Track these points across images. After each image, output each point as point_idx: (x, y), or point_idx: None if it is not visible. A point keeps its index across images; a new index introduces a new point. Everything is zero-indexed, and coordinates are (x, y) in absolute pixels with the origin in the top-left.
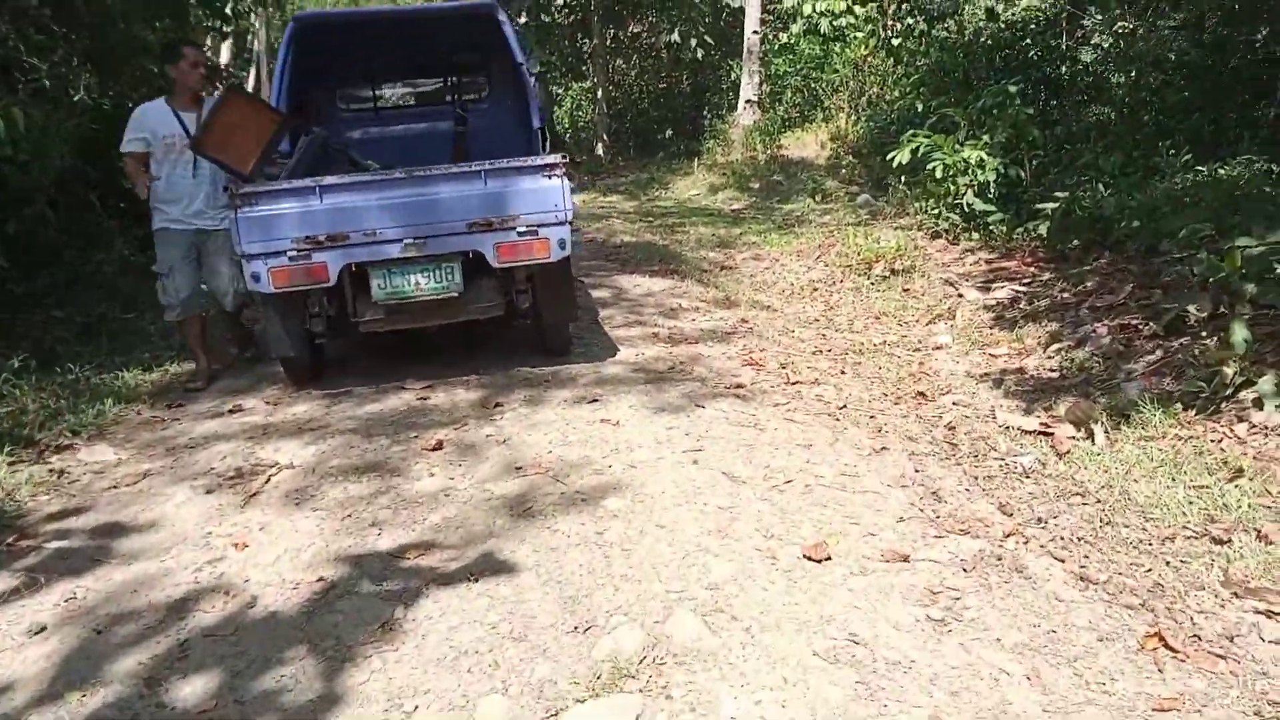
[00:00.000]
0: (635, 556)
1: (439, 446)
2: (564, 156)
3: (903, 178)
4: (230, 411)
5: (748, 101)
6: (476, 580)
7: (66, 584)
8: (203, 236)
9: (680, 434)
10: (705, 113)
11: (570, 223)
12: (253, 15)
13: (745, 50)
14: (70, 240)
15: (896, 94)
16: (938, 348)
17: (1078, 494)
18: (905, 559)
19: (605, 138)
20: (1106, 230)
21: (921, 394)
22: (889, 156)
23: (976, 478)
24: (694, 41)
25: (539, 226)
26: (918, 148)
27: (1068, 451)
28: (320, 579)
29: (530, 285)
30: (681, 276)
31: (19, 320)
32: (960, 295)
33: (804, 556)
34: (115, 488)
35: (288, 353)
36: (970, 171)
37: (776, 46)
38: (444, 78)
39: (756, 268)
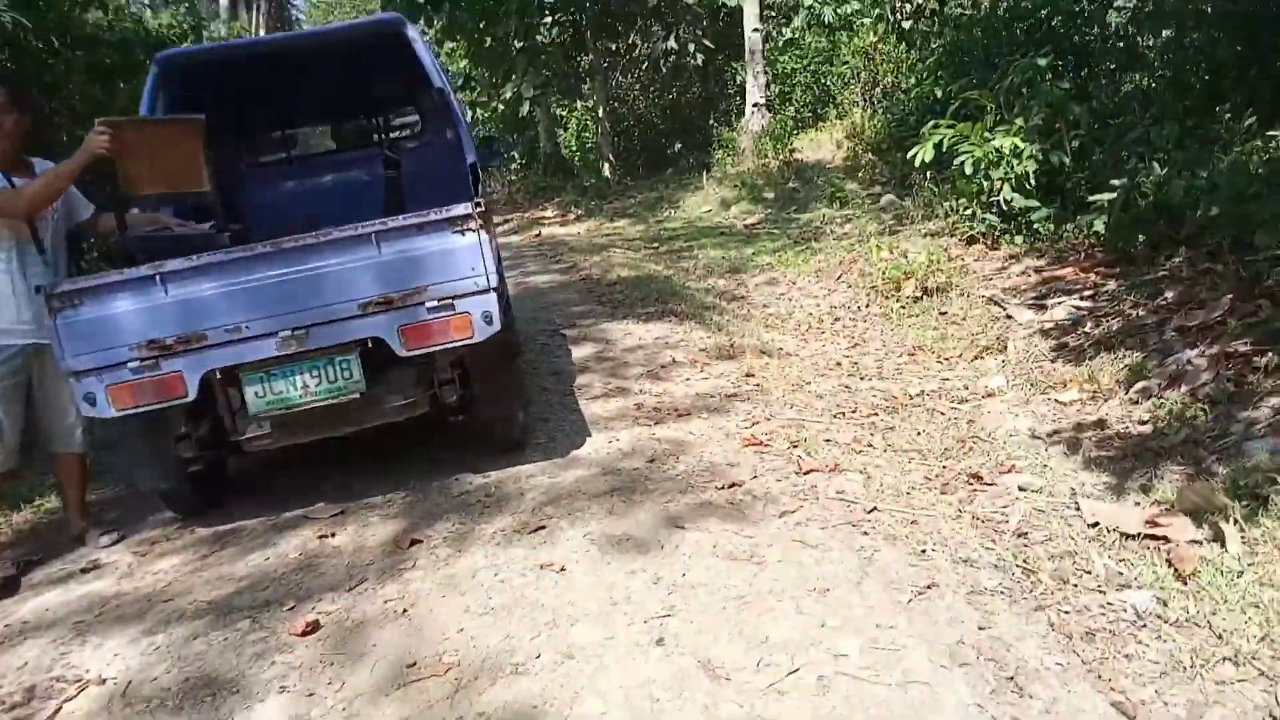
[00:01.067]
0: None
1: (312, 629)
2: (478, 204)
3: (928, 174)
4: (83, 571)
5: (755, 105)
6: None
7: None
8: (39, 356)
9: (645, 586)
10: (712, 121)
11: (497, 289)
12: None
13: (747, 51)
14: None
15: (913, 81)
16: (989, 395)
17: (1228, 659)
18: None
19: (611, 158)
20: (1177, 221)
21: (976, 476)
22: (910, 154)
23: (1070, 637)
24: (692, 47)
25: (454, 299)
26: (941, 140)
27: (1193, 572)
28: None
29: (459, 372)
30: (680, 318)
31: None
32: (1009, 317)
33: None
34: None
35: (157, 485)
36: (1004, 162)
37: (780, 43)
38: (367, 114)
39: (770, 294)
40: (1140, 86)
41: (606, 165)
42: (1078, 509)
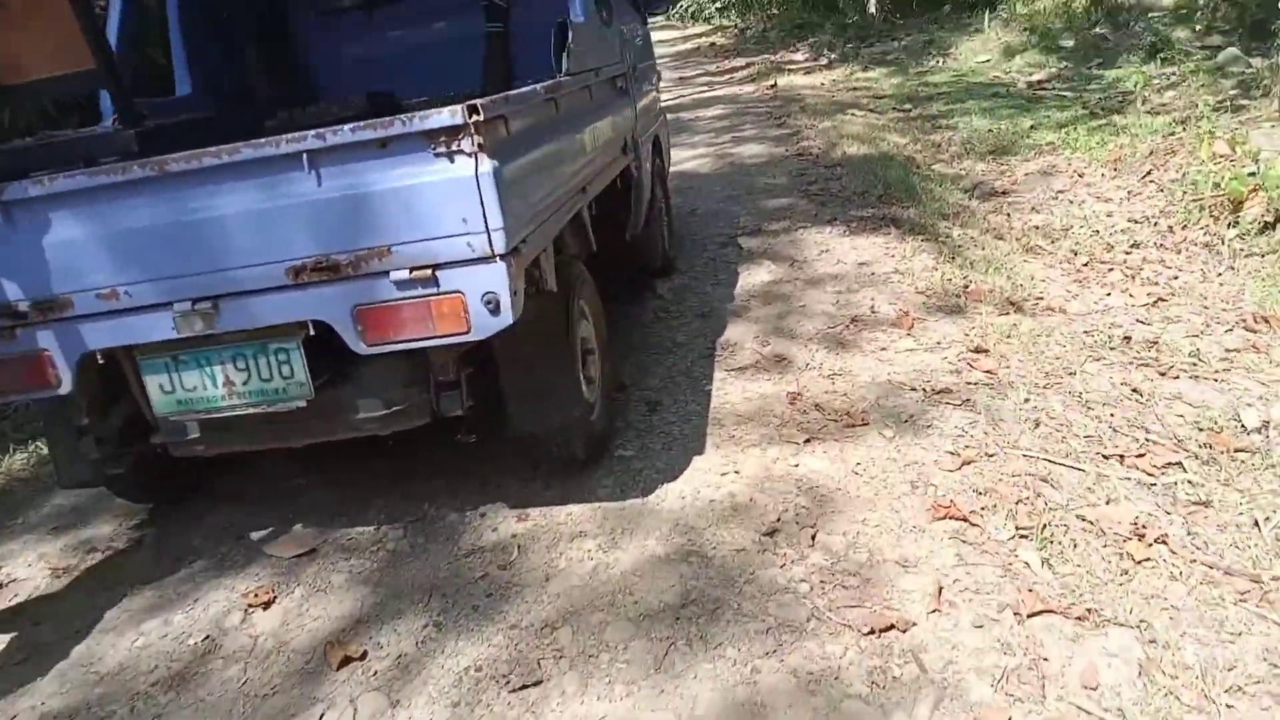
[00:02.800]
0: None
1: None
2: (473, 109)
3: None
4: None
5: None
6: None
7: None
8: None
9: None
10: None
11: (517, 250)
12: None
13: None
14: None
15: None
16: None
17: None
18: None
19: None
20: None
21: None
22: None
23: None
24: None
25: (435, 268)
26: None
27: None
28: None
29: (466, 370)
30: (904, 230)
31: None
32: None
33: None
34: None
35: (74, 480)
36: None
37: None
38: None
39: (1043, 192)
40: None
41: (873, 1)
42: None
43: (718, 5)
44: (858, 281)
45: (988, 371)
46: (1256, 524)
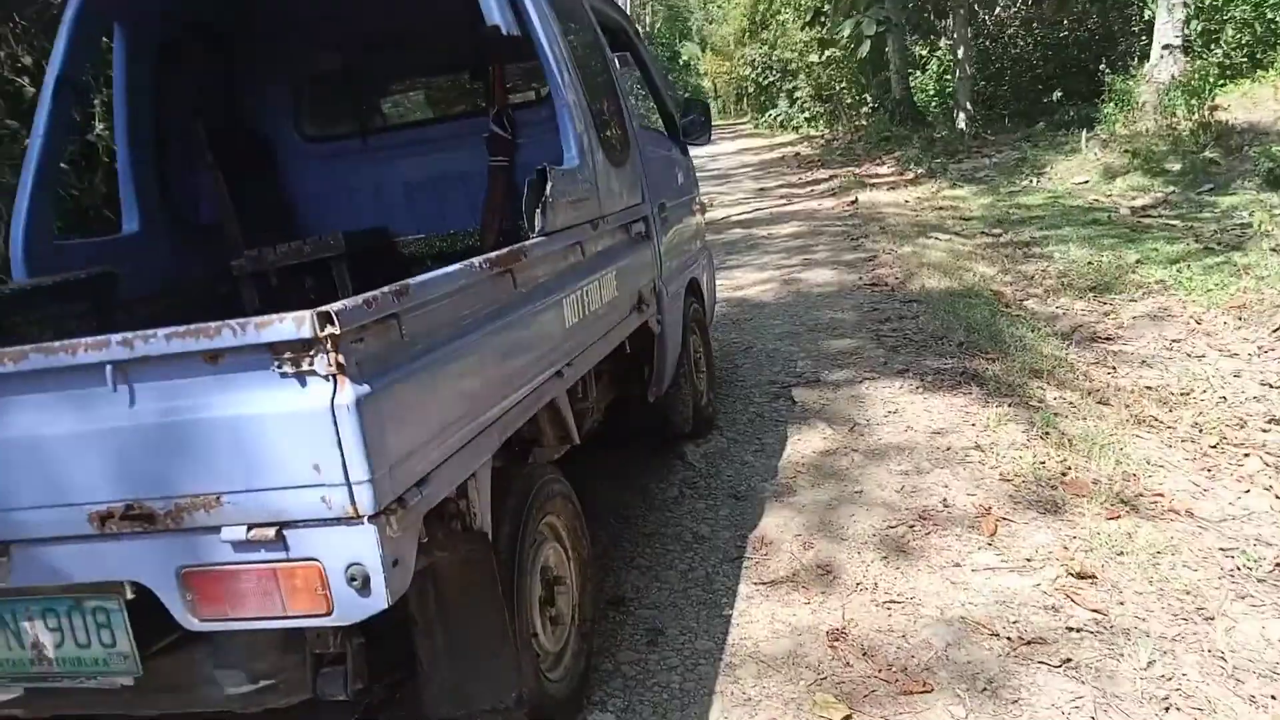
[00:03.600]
0: None
1: None
2: (326, 324)
3: None
4: None
5: (1166, 47)
6: None
7: None
8: None
9: None
10: (1104, 67)
11: (402, 502)
12: None
13: None
14: None
15: None
16: None
17: None
18: None
19: (968, 106)
20: None
21: None
22: None
23: None
24: None
25: (283, 525)
26: None
27: None
28: None
29: (356, 640)
30: (988, 390)
31: None
32: None
33: None
34: None
35: None
36: None
37: None
38: (474, 67)
39: (1154, 345)
40: None
41: (963, 115)
42: None
43: (805, 115)
44: (929, 458)
45: (1095, 611)
46: None
